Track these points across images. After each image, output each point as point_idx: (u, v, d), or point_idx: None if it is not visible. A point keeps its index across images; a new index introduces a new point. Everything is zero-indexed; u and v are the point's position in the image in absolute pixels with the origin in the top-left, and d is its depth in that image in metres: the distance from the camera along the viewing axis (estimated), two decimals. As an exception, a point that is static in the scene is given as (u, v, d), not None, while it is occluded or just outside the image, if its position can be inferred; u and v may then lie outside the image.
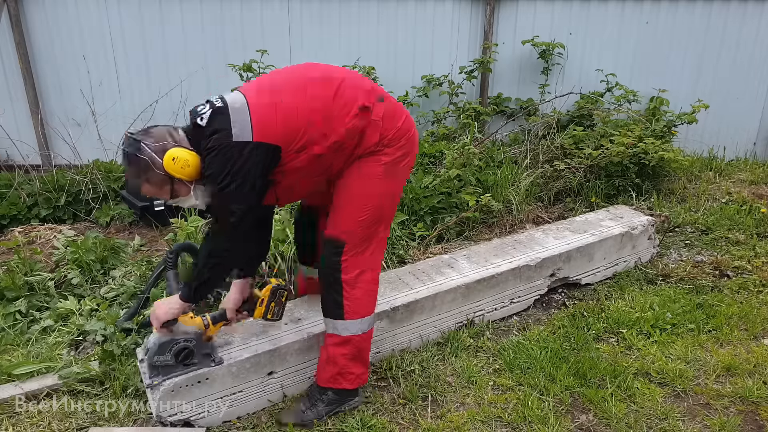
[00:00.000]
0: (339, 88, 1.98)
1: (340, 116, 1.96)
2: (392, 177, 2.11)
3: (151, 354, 2.04)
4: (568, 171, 4.37)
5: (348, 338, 2.14)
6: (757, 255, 3.55)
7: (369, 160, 2.05)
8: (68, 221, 4.00)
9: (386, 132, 2.05)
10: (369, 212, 2.08)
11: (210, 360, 2.13)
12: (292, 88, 1.97)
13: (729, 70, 5.42)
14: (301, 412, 2.21)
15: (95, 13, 4.80)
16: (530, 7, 5.29)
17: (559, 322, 2.88)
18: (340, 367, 2.18)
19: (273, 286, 2.23)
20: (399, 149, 2.09)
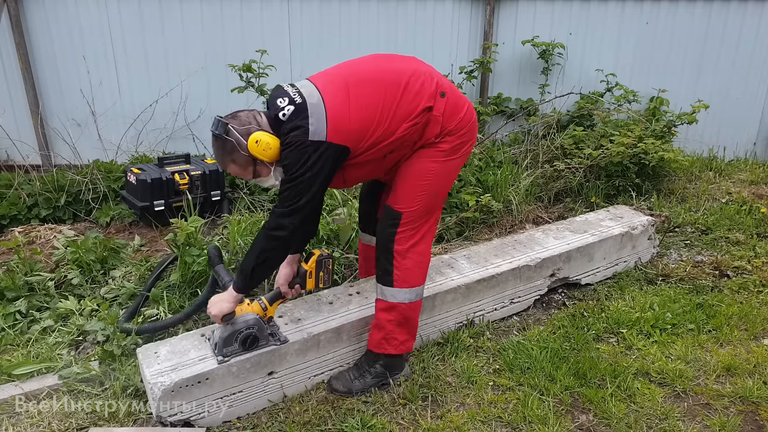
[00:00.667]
0: (406, 89, 2.10)
1: (404, 116, 2.09)
2: (449, 162, 2.24)
3: (220, 348, 2.14)
4: (568, 171, 4.37)
5: (394, 305, 2.27)
6: (757, 255, 3.55)
7: (429, 148, 2.20)
8: (68, 221, 4.00)
9: (447, 124, 2.17)
10: (425, 192, 2.22)
11: (276, 339, 2.25)
12: (364, 88, 2.08)
13: (729, 70, 5.42)
14: (350, 380, 2.35)
15: (95, 13, 4.80)
16: (530, 7, 5.30)
17: (559, 322, 2.88)
18: (386, 332, 2.31)
19: (317, 257, 2.33)
20: (458, 137, 2.21)
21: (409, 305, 2.29)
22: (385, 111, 2.07)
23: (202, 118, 5.18)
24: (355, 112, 2.03)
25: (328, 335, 2.36)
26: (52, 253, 3.27)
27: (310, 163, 1.98)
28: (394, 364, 2.39)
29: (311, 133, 1.97)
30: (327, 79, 2.12)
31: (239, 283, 2.14)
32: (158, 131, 5.04)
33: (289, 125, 2.01)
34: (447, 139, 2.19)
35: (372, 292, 2.63)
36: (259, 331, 2.19)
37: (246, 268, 2.12)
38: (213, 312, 2.13)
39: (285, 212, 2.04)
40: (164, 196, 3.81)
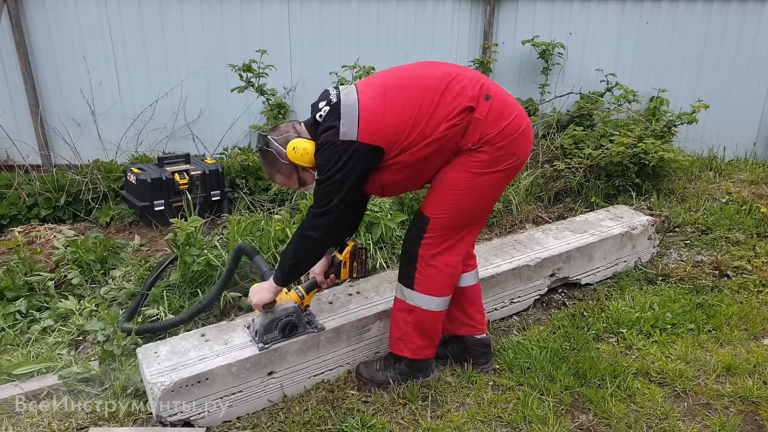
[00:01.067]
0: (446, 90, 2.03)
1: (444, 116, 2.02)
2: (487, 176, 2.11)
3: (260, 335, 2.23)
4: (568, 171, 4.37)
5: (412, 307, 2.27)
6: (757, 255, 3.55)
7: (467, 156, 2.09)
8: (68, 221, 4.00)
9: (487, 131, 2.05)
10: (455, 202, 2.14)
11: (313, 327, 2.33)
12: (402, 91, 2.05)
13: (729, 70, 5.43)
14: (375, 370, 2.41)
15: (95, 13, 4.80)
16: (530, 7, 5.30)
17: (559, 322, 2.88)
18: (402, 333, 2.32)
19: (351, 248, 2.37)
20: (500, 149, 2.07)
21: (427, 313, 2.26)
22: (422, 112, 2.02)
23: (202, 118, 5.19)
24: (389, 114, 2.01)
25: (327, 335, 2.36)
26: (52, 253, 3.27)
27: (341, 163, 1.99)
28: (419, 367, 2.39)
29: (342, 134, 1.98)
30: (369, 81, 2.13)
31: (278, 277, 2.19)
32: (158, 131, 5.05)
33: (323, 126, 2.04)
34: (485, 148, 2.06)
35: (372, 292, 2.63)
36: (297, 318, 2.28)
37: (284, 266, 2.17)
38: (254, 301, 2.21)
39: (318, 212, 2.08)
40: (164, 196, 3.81)
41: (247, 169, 4.45)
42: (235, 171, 4.43)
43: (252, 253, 2.55)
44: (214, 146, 5.17)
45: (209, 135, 5.22)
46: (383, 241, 3.29)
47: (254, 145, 2.12)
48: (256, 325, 2.26)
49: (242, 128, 5.26)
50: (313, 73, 5.22)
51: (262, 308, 2.23)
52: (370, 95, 2.04)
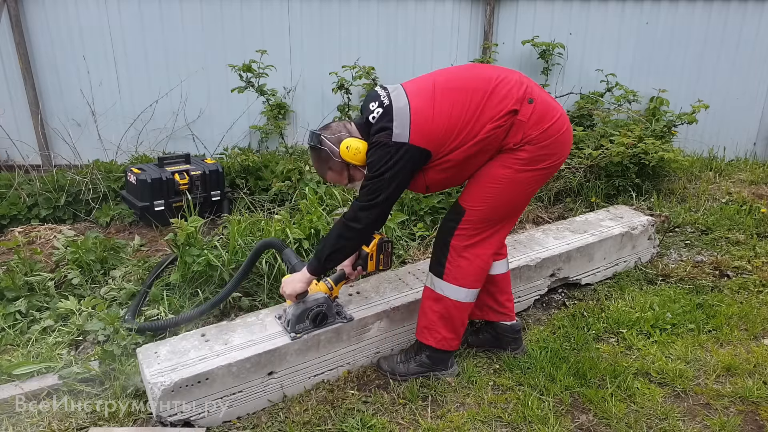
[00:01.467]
0: (492, 93, 2.10)
1: (489, 117, 2.10)
2: (526, 173, 2.19)
3: (293, 325, 2.29)
4: (568, 171, 4.37)
5: (441, 297, 2.34)
6: (757, 255, 3.55)
7: (508, 153, 2.17)
8: (68, 221, 4.00)
9: (530, 132, 2.12)
10: (493, 196, 2.21)
11: (342, 317, 2.41)
12: (450, 94, 2.12)
13: (729, 70, 5.43)
14: (396, 363, 2.47)
15: (95, 13, 4.80)
16: (530, 7, 5.30)
17: (559, 322, 2.88)
18: (429, 321, 2.38)
19: (378, 241, 2.44)
20: (540, 148, 2.15)
21: (455, 303, 2.33)
22: (470, 114, 2.09)
23: (202, 118, 5.19)
24: (438, 117, 2.08)
25: (328, 335, 2.36)
26: (52, 253, 3.27)
27: (391, 162, 2.08)
28: (439, 358, 2.43)
29: (395, 135, 2.07)
30: (417, 84, 2.20)
31: (314, 266, 2.26)
32: (158, 131, 5.05)
33: (376, 127, 2.13)
34: (526, 147, 2.14)
35: (372, 292, 2.64)
36: (327, 309, 2.35)
37: (321, 255, 2.24)
38: (287, 291, 2.27)
39: (364, 206, 2.16)
40: (164, 196, 3.81)
41: (247, 169, 4.45)
42: (235, 171, 4.43)
43: (281, 247, 2.59)
44: (214, 146, 5.17)
45: (209, 135, 5.22)
46: (383, 241, 3.28)
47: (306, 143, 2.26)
48: (288, 315, 2.32)
49: (242, 128, 5.27)
50: (313, 73, 5.22)
51: (295, 298, 2.29)
52: (420, 98, 2.12)
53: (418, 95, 2.13)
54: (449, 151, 2.13)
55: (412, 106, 2.09)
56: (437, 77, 2.21)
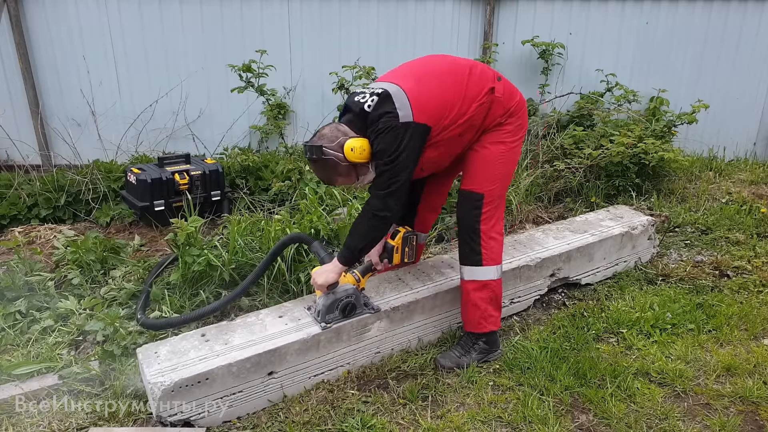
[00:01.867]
0: (471, 73, 2.33)
1: (473, 97, 2.30)
2: (514, 146, 2.45)
3: (323, 315, 2.35)
4: (568, 171, 4.37)
5: (486, 282, 2.48)
6: (757, 255, 3.55)
7: (495, 131, 2.41)
8: (68, 221, 4.00)
9: (507, 104, 2.39)
10: (500, 173, 2.44)
11: (369, 308, 2.47)
12: (433, 78, 2.31)
13: (729, 70, 5.43)
14: (457, 357, 2.54)
15: (95, 13, 4.80)
16: (530, 7, 5.30)
17: (559, 322, 2.88)
18: (482, 311, 2.51)
19: (403, 234, 2.54)
20: (518, 118, 2.44)
21: (497, 281, 2.51)
22: (457, 93, 2.27)
23: (202, 118, 5.19)
24: (432, 96, 2.24)
25: (327, 335, 2.36)
26: (52, 253, 3.27)
27: (404, 143, 2.17)
28: (493, 340, 2.58)
29: (401, 117, 2.16)
30: (396, 75, 2.33)
31: (345, 257, 2.31)
32: (158, 131, 5.05)
33: (376, 113, 2.19)
34: (510, 120, 2.40)
35: (372, 292, 2.63)
36: (356, 299, 2.41)
37: (353, 245, 2.30)
38: (319, 282, 2.32)
39: (389, 192, 2.23)
40: (164, 196, 3.81)
41: (247, 169, 4.45)
42: (235, 171, 4.43)
43: (310, 240, 2.64)
44: (214, 146, 5.17)
45: (209, 135, 5.22)
46: (383, 241, 3.28)
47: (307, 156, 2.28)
48: (318, 305, 2.37)
49: (242, 128, 5.27)
50: (313, 73, 5.22)
51: (326, 289, 2.34)
52: (408, 82, 2.24)
53: (406, 81, 2.24)
54: (444, 127, 2.26)
55: (405, 88, 2.20)
56: (412, 67, 2.39)
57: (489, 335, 2.55)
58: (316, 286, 2.36)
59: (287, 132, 5.26)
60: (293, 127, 5.37)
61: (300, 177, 4.17)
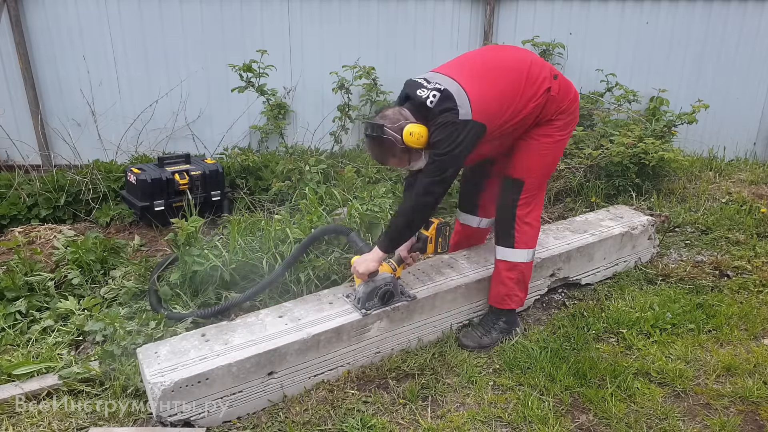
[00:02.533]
0: (529, 73, 2.40)
1: (530, 97, 2.40)
2: (561, 140, 2.58)
3: (363, 302, 2.44)
4: (568, 171, 4.37)
5: (515, 264, 2.65)
6: (757, 255, 3.55)
7: (546, 125, 2.52)
8: (68, 221, 4.00)
9: (561, 104, 2.50)
10: (542, 163, 2.58)
11: (405, 296, 2.57)
12: (492, 74, 2.40)
13: (729, 70, 5.42)
14: (479, 337, 2.68)
15: (95, 13, 4.80)
16: (530, 7, 5.30)
17: (559, 322, 2.88)
18: (508, 289, 2.67)
19: (437, 225, 2.60)
20: (569, 115, 2.55)
21: (527, 264, 2.67)
22: (515, 92, 2.37)
23: (202, 118, 5.19)
24: (491, 96, 2.33)
25: (328, 335, 2.36)
26: (52, 253, 3.27)
27: (460, 139, 2.27)
28: (513, 320, 2.75)
29: (461, 114, 2.26)
30: (456, 69, 2.41)
31: (385, 245, 2.42)
32: (158, 131, 5.05)
33: (438, 108, 2.28)
34: (560, 116, 2.51)
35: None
36: (393, 287, 2.49)
37: (393, 232, 2.42)
38: (360, 270, 2.40)
39: (435, 181, 2.33)
40: (164, 196, 3.81)
41: (247, 169, 4.45)
42: (235, 171, 4.43)
43: (347, 231, 2.73)
44: (214, 146, 5.17)
45: (209, 135, 5.22)
46: (383, 241, 3.28)
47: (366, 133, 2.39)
48: (358, 293, 2.46)
49: (242, 128, 5.27)
50: (313, 73, 5.22)
51: (367, 277, 2.42)
52: (467, 80, 2.33)
53: (465, 78, 2.33)
54: (500, 125, 2.37)
55: (465, 88, 2.30)
56: (473, 61, 2.49)
57: (509, 314, 2.72)
58: (357, 274, 2.44)
59: (287, 132, 5.26)
60: (293, 127, 5.37)
61: (300, 177, 4.17)
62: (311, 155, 4.71)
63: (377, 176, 4.40)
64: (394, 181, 4.35)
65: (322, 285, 2.96)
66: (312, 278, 2.97)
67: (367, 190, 3.82)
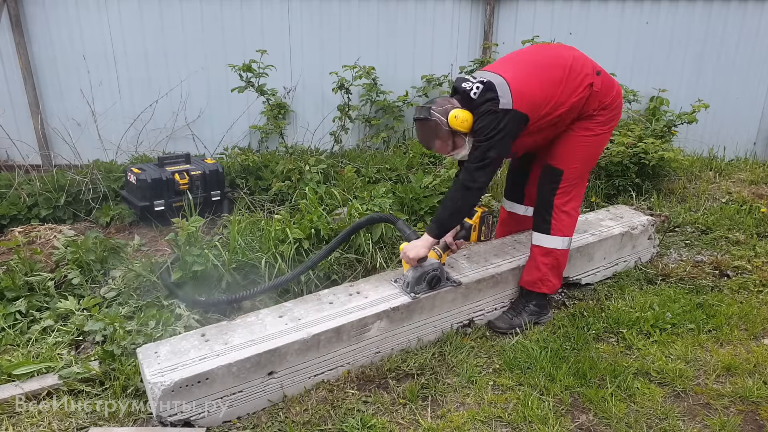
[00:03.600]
0: (572, 68, 2.52)
1: (572, 91, 2.51)
2: (602, 135, 2.68)
3: (412, 286, 2.56)
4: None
5: (550, 250, 2.76)
6: (757, 255, 3.55)
7: (588, 120, 2.63)
8: (68, 221, 4.00)
9: (603, 99, 2.60)
10: (583, 155, 2.69)
11: (451, 282, 2.67)
12: (536, 67, 2.53)
13: (729, 70, 5.43)
14: (509, 318, 2.81)
15: (95, 14, 4.80)
16: (530, 6, 5.30)
17: (559, 322, 2.88)
18: (542, 274, 2.78)
19: (481, 214, 2.74)
20: (610, 111, 2.65)
21: (562, 251, 2.77)
22: (556, 86, 2.49)
23: (202, 118, 5.19)
24: (532, 87, 2.45)
25: (328, 335, 2.36)
26: (52, 253, 3.27)
27: (501, 125, 2.39)
28: (544, 304, 2.85)
29: (501, 103, 2.40)
30: (501, 65, 2.57)
31: (434, 231, 2.54)
32: (158, 131, 5.05)
33: (481, 99, 2.43)
34: (602, 112, 2.61)
35: (371, 291, 2.64)
36: (440, 273, 2.61)
37: (441, 218, 2.54)
38: (411, 255, 2.53)
39: (480, 166, 2.45)
40: (164, 195, 3.81)
41: (247, 169, 4.45)
42: (235, 171, 4.43)
43: (394, 220, 2.81)
44: (214, 146, 5.18)
45: (209, 135, 5.22)
46: (383, 241, 3.29)
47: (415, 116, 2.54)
48: (407, 277, 2.57)
49: (242, 128, 5.27)
50: (313, 73, 5.22)
51: (416, 262, 2.54)
52: (511, 73, 2.46)
53: (509, 72, 2.47)
54: (541, 117, 2.48)
55: (507, 80, 2.43)
56: (518, 58, 2.62)
57: (540, 298, 2.82)
58: (406, 259, 2.55)
59: (287, 132, 5.26)
60: (293, 127, 5.38)
61: (300, 177, 4.17)
62: (311, 155, 4.71)
63: (377, 176, 4.41)
64: (394, 181, 4.35)
65: (322, 285, 2.96)
66: (312, 278, 2.97)
67: (367, 190, 3.82)
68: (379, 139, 5.23)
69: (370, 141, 5.35)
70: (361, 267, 3.15)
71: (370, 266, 3.18)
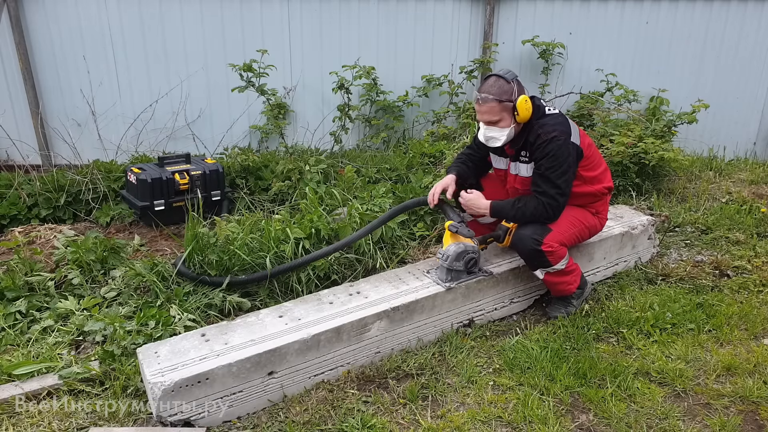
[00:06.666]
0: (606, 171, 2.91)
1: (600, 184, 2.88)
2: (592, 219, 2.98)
3: (451, 260, 2.65)
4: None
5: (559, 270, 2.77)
6: (757, 255, 3.55)
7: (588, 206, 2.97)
8: (68, 221, 4.00)
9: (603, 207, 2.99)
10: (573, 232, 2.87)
11: (484, 272, 2.79)
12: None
13: (729, 70, 5.43)
14: (562, 308, 2.93)
15: (95, 13, 4.80)
16: (530, 6, 5.30)
17: (559, 322, 2.88)
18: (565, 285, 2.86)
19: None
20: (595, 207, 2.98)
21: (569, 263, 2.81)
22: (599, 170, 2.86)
23: (202, 118, 5.19)
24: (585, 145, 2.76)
25: (328, 335, 2.36)
26: (52, 253, 3.27)
27: (571, 159, 2.62)
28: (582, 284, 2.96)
29: (573, 137, 2.65)
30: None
31: (497, 210, 2.74)
32: (158, 131, 5.05)
33: (553, 121, 2.64)
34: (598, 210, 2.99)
35: (371, 291, 2.64)
36: (479, 257, 2.74)
37: (507, 209, 2.71)
38: (469, 203, 2.79)
39: (561, 192, 2.64)
40: (164, 195, 3.81)
41: (247, 169, 4.45)
42: (235, 171, 4.43)
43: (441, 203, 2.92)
44: (214, 146, 5.17)
45: (209, 135, 5.22)
46: (383, 241, 3.29)
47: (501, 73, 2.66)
48: (448, 251, 2.66)
49: (242, 128, 5.27)
50: (313, 73, 5.22)
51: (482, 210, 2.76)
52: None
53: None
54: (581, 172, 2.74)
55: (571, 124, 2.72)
56: None
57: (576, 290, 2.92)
58: (464, 205, 2.80)
59: (287, 132, 5.26)
60: (293, 127, 5.37)
61: (300, 177, 4.17)
62: (311, 155, 4.71)
63: (377, 176, 4.41)
64: (394, 181, 4.35)
65: (322, 285, 2.96)
66: (312, 278, 2.97)
67: (367, 190, 3.82)
68: (379, 139, 5.23)
69: (370, 141, 5.35)
70: (361, 267, 3.16)
71: (370, 266, 3.18)
